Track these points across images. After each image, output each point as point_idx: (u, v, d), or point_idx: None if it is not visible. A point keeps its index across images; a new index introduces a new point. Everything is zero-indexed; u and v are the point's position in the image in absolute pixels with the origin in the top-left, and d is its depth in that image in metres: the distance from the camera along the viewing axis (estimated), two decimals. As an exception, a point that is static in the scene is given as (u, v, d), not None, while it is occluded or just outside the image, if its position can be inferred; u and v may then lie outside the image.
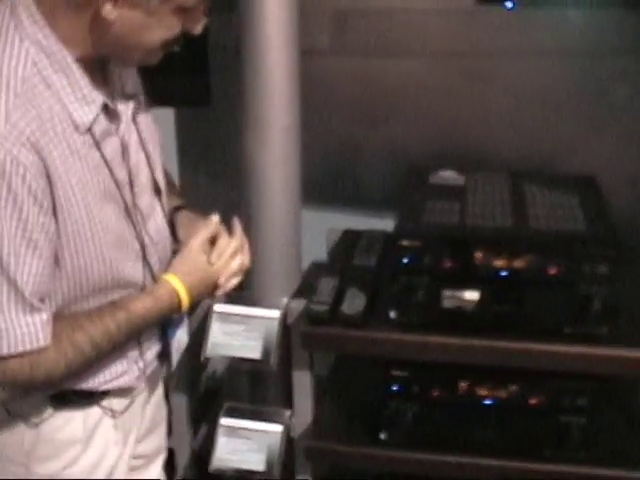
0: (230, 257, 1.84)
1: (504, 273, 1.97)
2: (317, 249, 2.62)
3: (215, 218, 1.85)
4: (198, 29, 1.60)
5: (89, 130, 1.54)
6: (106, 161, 1.58)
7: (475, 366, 2.05)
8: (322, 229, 2.58)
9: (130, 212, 1.66)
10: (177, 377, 2.25)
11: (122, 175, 1.64)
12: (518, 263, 1.96)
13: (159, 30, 1.53)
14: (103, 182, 1.58)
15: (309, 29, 2.47)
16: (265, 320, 2.10)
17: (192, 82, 2.10)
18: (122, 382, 1.74)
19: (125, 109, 1.66)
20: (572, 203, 2.15)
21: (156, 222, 1.76)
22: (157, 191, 1.76)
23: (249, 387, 2.40)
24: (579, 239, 1.97)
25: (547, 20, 2.39)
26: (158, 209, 1.77)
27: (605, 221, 2.06)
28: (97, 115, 1.55)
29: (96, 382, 1.70)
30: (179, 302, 1.73)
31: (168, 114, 2.66)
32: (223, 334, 2.10)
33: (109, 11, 1.46)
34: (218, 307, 2.12)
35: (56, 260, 1.54)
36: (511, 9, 2.12)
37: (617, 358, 1.98)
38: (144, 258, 1.71)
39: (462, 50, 2.54)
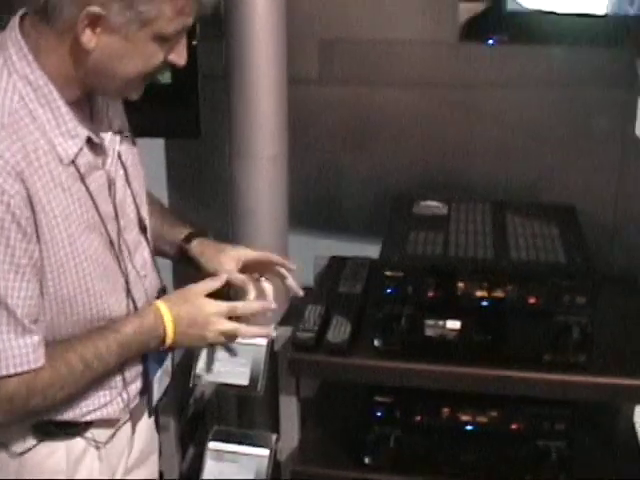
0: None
1: (485, 303, 2.02)
2: (304, 274, 2.67)
3: (224, 277, 1.83)
4: (181, 61, 1.60)
5: (74, 163, 1.56)
6: (91, 194, 1.60)
7: (457, 392, 2.11)
8: (309, 255, 2.62)
9: (115, 245, 1.66)
10: (165, 401, 2.29)
11: (108, 209, 1.65)
12: (499, 293, 2.02)
13: (139, 59, 1.53)
14: (87, 214, 1.59)
15: (296, 58, 2.51)
16: (253, 347, 2.15)
17: (182, 114, 2.14)
18: (105, 413, 1.73)
19: (111, 144, 1.67)
20: (552, 233, 2.21)
21: (143, 257, 1.77)
22: (142, 228, 1.77)
23: (236, 411, 2.44)
24: (558, 270, 2.03)
25: (529, 52, 2.44)
26: (144, 244, 1.78)
27: (584, 252, 2.12)
28: (81, 149, 1.57)
29: (78, 413, 1.69)
30: (164, 330, 1.70)
31: (158, 144, 2.70)
32: (211, 360, 2.14)
33: (88, 38, 1.47)
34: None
35: (40, 288, 1.55)
36: (493, 45, 2.17)
37: (595, 385, 2.04)
38: (128, 292, 1.71)
39: (446, 80, 2.59)
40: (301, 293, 2.03)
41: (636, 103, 2.18)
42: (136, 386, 1.79)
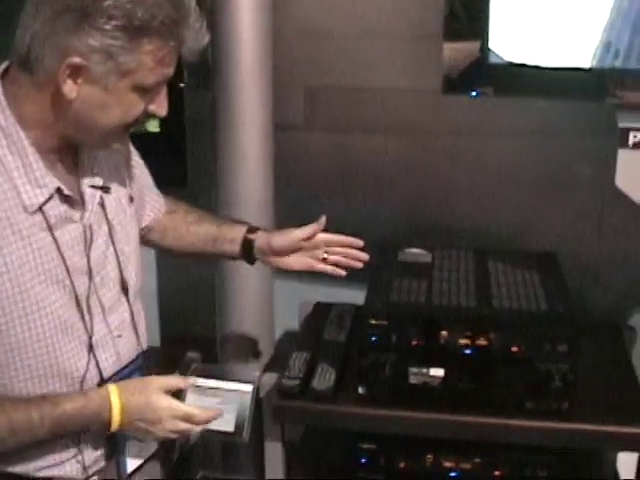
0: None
1: (468, 351, 2.05)
2: (290, 319, 2.69)
3: (190, 381, 1.84)
4: (161, 112, 1.59)
5: (42, 212, 1.55)
6: (58, 246, 1.57)
7: (440, 439, 2.13)
8: (294, 300, 2.64)
9: (81, 300, 1.62)
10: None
11: (80, 263, 1.62)
12: (482, 341, 2.04)
13: (119, 109, 1.52)
14: (49, 265, 1.57)
15: (282, 105, 2.55)
16: (238, 393, 2.15)
17: (169, 163, 2.17)
18: (63, 472, 1.67)
19: (92, 199, 1.65)
20: (534, 280, 2.25)
21: (121, 317, 1.72)
22: (124, 289, 1.73)
23: (222, 456, 2.45)
24: (540, 318, 2.06)
25: (512, 102, 2.48)
26: (125, 306, 1.73)
27: (565, 299, 2.15)
28: (49, 199, 1.56)
29: (31, 467, 1.64)
30: (109, 417, 1.61)
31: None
32: (198, 407, 2.15)
33: (70, 88, 1.48)
34: (193, 380, 2.16)
35: None
36: (475, 97, 2.21)
37: (577, 432, 2.06)
38: (91, 349, 1.65)
39: (430, 128, 2.64)
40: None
41: (615, 152, 2.21)
42: (97, 450, 1.71)
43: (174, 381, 1.75)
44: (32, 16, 1.48)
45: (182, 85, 2.42)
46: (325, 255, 1.99)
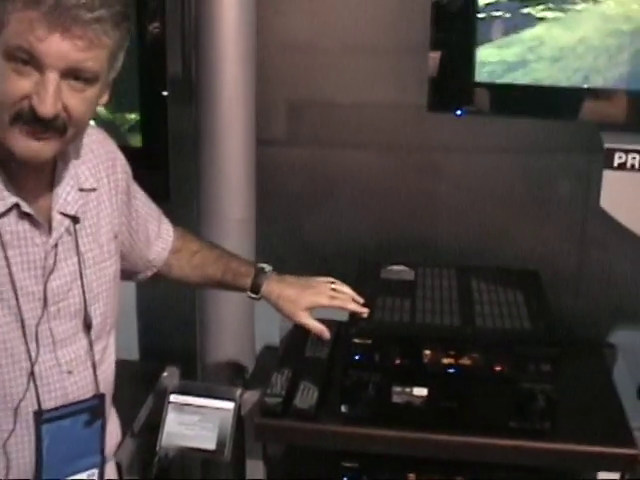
0: None
1: (451, 370, 2.04)
2: (270, 334, 2.68)
3: None
4: (41, 107, 1.44)
5: None
6: (9, 264, 1.54)
7: (423, 458, 2.12)
8: (275, 316, 2.62)
9: (26, 326, 1.57)
10: (130, 462, 2.28)
11: (32, 288, 1.58)
12: (465, 360, 2.04)
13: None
14: None
15: (264, 120, 2.54)
16: (220, 412, 2.15)
17: (152, 178, 2.15)
18: None
19: (59, 225, 1.61)
20: (517, 299, 2.25)
21: (75, 353, 1.66)
22: (87, 325, 1.67)
23: (201, 475, 2.43)
24: (523, 338, 2.07)
25: (494, 119, 2.49)
26: (84, 342, 1.68)
27: (548, 319, 2.15)
28: (4, 213, 1.53)
29: None
30: None
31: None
32: (178, 424, 2.14)
33: None
34: (174, 397, 2.15)
35: None
36: (460, 116, 2.21)
37: (559, 452, 2.07)
38: (31, 378, 1.59)
39: (413, 144, 2.64)
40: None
41: (597, 170, 2.22)
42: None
43: None
44: None
45: (165, 94, 2.40)
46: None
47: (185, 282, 2.05)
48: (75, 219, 1.63)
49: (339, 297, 1.99)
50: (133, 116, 2.41)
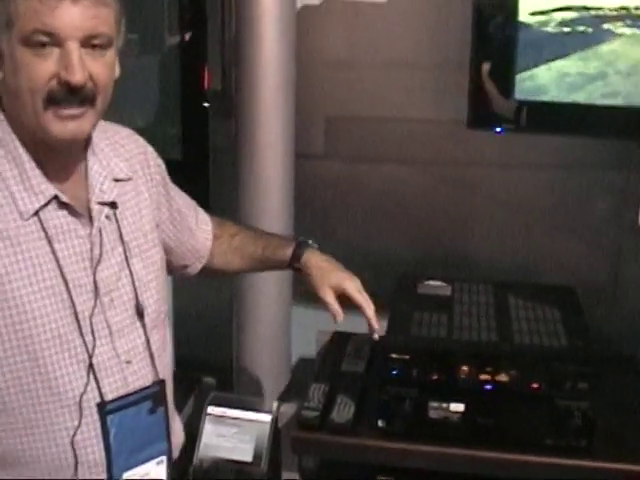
0: None
1: (488, 387, 2.05)
2: (306, 346, 2.69)
3: None
4: (71, 76, 1.49)
5: (40, 222, 1.56)
6: (57, 258, 1.57)
7: (459, 475, 2.12)
8: (312, 328, 2.65)
9: (81, 319, 1.59)
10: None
11: (84, 280, 1.60)
12: (502, 377, 2.05)
13: (21, 74, 1.50)
14: (43, 275, 1.56)
15: (302, 134, 2.56)
16: (257, 424, 2.16)
17: (192, 191, 2.17)
18: None
19: (98, 214, 1.64)
20: (554, 316, 2.25)
21: (132, 342, 1.68)
22: (139, 314, 1.69)
23: (237, 485, 2.45)
24: (560, 355, 2.07)
25: (531, 135, 2.49)
26: (140, 331, 1.70)
27: (584, 336, 2.15)
28: (45, 205, 1.57)
29: None
30: None
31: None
32: (216, 436, 2.15)
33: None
34: (211, 409, 2.17)
35: None
36: (499, 133, 2.22)
37: (596, 470, 2.05)
38: (90, 370, 1.61)
39: (450, 159, 2.65)
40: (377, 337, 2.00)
41: (635, 186, 2.22)
42: None
43: None
44: None
45: (206, 105, 2.42)
46: None
47: (229, 269, 2.07)
48: (113, 204, 1.67)
49: (365, 298, 1.97)
50: (174, 129, 2.44)
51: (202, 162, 2.42)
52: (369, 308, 1.95)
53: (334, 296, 1.94)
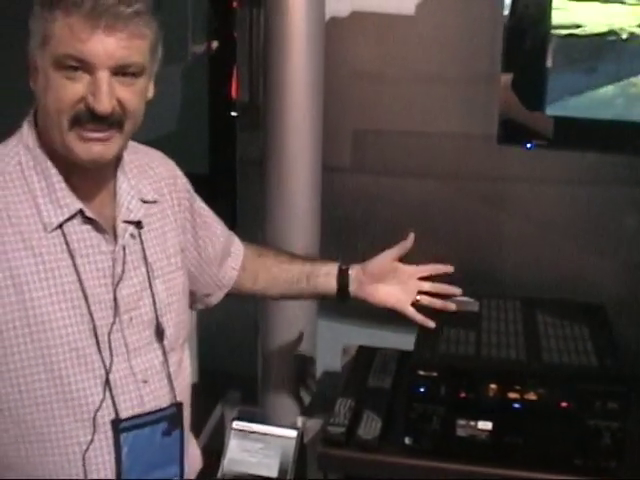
0: None
1: (517, 405, 2.02)
2: (331, 360, 2.68)
3: None
4: (97, 105, 1.50)
5: (63, 235, 1.56)
6: (78, 271, 1.57)
7: (486, 493, 2.11)
8: (337, 341, 2.63)
9: (99, 334, 1.59)
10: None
11: (104, 296, 1.61)
12: (530, 396, 2.02)
13: (50, 94, 1.51)
14: (63, 287, 1.56)
15: (330, 147, 2.55)
16: (283, 439, 2.16)
17: (219, 204, 2.17)
18: None
19: (123, 232, 1.65)
20: (583, 334, 2.22)
21: (150, 363, 1.68)
22: (159, 334, 1.69)
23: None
24: (590, 375, 2.03)
25: (563, 152, 2.47)
26: (158, 352, 1.70)
27: (614, 355, 2.12)
28: (69, 219, 1.57)
29: None
30: None
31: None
32: (241, 451, 2.15)
33: (33, 82, 1.55)
34: (237, 424, 2.16)
35: None
36: (530, 149, 2.20)
37: (625, 490, 2.04)
38: (106, 386, 1.61)
39: (478, 174, 2.64)
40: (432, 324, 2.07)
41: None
42: None
43: None
44: None
45: (234, 115, 2.42)
46: (418, 297, 2.05)
47: (272, 287, 2.06)
48: (138, 224, 1.67)
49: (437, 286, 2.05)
50: (201, 141, 2.44)
51: (229, 175, 2.41)
52: (448, 288, 2.07)
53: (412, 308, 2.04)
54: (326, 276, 2.00)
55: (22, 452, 1.59)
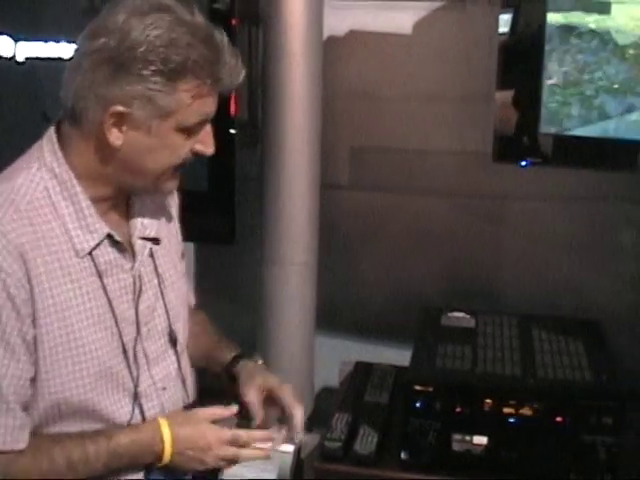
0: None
1: (512, 420, 2.04)
2: (329, 376, 2.69)
3: (234, 408, 1.77)
4: (208, 150, 1.62)
5: (92, 258, 1.59)
6: (107, 293, 1.60)
7: (482, 507, 2.12)
8: (335, 357, 2.65)
9: (127, 350, 1.64)
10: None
11: (128, 312, 1.64)
12: (526, 411, 2.04)
13: (165, 151, 1.56)
14: (97, 310, 1.59)
15: (327, 164, 2.57)
16: (280, 454, 2.15)
17: (218, 220, 2.20)
18: None
19: (142, 249, 1.68)
20: (578, 350, 2.24)
21: (166, 369, 1.73)
22: (172, 341, 1.74)
23: (258, 515, 2.44)
24: (585, 390, 2.06)
25: (558, 169, 2.49)
26: (173, 358, 1.74)
27: (610, 370, 2.14)
28: (99, 244, 1.60)
29: None
30: (162, 447, 1.63)
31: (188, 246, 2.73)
32: (238, 466, 2.15)
33: (116, 136, 1.52)
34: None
35: (34, 375, 1.55)
36: (524, 166, 2.22)
37: (620, 505, 2.05)
38: (135, 399, 1.65)
39: (475, 192, 2.65)
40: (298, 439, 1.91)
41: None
42: None
43: (219, 411, 1.74)
44: (74, 70, 1.53)
45: (233, 132, 2.43)
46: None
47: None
48: (156, 240, 1.71)
49: (296, 399, 1.86)
50: (200, 160, 2.45)
51: (228, 191, 2.43)
52: (298, 410, 1.85)
53: (259, 398, 1.84)
54: (220, 366, 1.91)
55: None
